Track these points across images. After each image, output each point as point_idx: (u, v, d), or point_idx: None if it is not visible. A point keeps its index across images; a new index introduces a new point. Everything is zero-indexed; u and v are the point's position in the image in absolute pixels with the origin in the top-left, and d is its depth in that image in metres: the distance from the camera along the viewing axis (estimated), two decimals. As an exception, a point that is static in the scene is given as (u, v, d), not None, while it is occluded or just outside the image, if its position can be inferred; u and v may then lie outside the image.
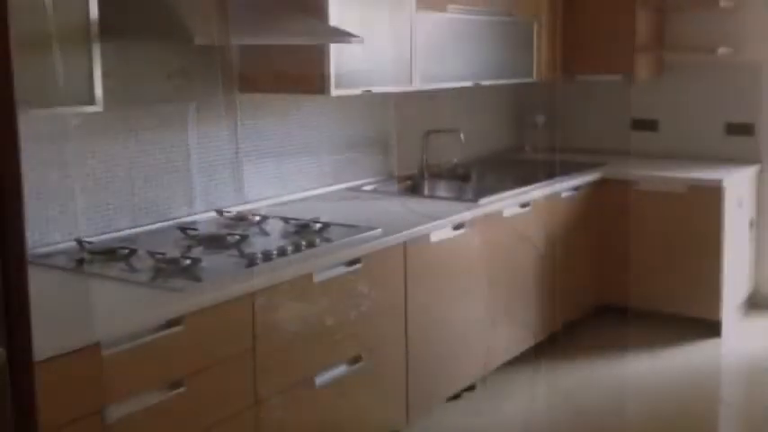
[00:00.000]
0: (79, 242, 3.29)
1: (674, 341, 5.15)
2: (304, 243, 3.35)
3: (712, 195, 5.09)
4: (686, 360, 4.92)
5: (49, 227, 3.27)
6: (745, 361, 4.97)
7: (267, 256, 3.17)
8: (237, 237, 3.43)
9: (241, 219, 3.80)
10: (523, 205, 4.60)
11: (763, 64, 5.57)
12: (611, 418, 4.30)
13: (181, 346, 2.72)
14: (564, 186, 5.00)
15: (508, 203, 4.48)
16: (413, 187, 4.94)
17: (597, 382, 4.62)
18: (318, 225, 3.62)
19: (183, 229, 3.56)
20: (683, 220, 5.19)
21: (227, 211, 3.88)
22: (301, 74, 3.85)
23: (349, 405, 3.49)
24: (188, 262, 3.03)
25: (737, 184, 5.30)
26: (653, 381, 4.66)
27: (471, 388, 4.37)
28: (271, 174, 4.21)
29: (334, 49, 3.79)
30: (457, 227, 4.05)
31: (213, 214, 3.88)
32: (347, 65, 3.87)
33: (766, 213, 5.72)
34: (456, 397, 4.27)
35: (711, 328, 5.21)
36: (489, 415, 4.28)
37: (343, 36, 3.69)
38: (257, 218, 3.79)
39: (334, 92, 3.84)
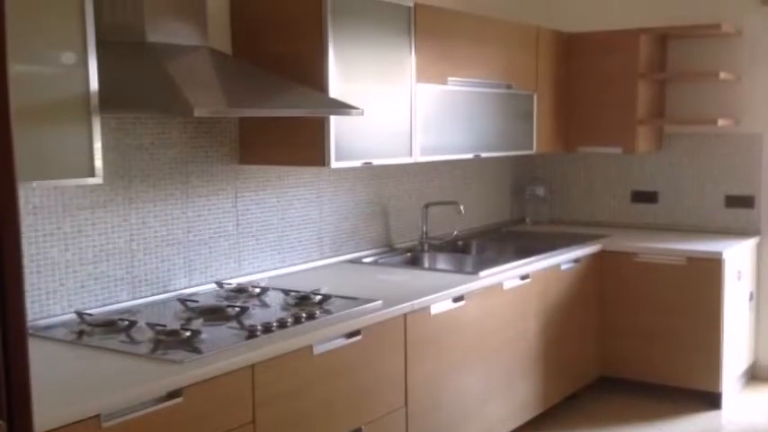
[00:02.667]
0: (79, 314, 3.28)
1: (674, 413, 5.11)
2: (304, 315, 3.35)
3: (712, 267, 5.09)
4: (688, 432, 4.89)
5: (49, 299, 3.27)
6: (747, 434, 4.93)
7: (267, 328, 3.16)
8: (237, 308, 3.42)
9: (241, 290, 3.79)
10: (523, 277, 4.59)
11: (764, 136, 5.60)
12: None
13: (181, 419, 2.70)
14: (564, 258, 5.00)
15: (508, 276, 4.47)
16: (413, 259, 4.94)
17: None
18: (318, 297, 3.62)
19: (183, 300, 3.55)
20: (683, 292, 5.18)
21: (228, 283, 3.88)
22: (301, 146, 3.87)
23: (349, 479, 3.46)
24: (188, 334, 3.03)
25: (737, 257, 5.30)
26: (656, 454, 4.62)
27: (472, 462, 4.33)
28: (271, 245, 4.21)
29: (335, 122, 3.82)
30: (457, 299, 4.04)
31: (213, 286, 3.88)
32: (347, 137, 3.89)
33: (766, 285, 5.71)
34: (457, 471, 4.23)
35: (712, 400, 5.18)
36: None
37: (343, 108, 3.71)
38: (257, 290, 3.79)
39: (335, 164, 3.85)
